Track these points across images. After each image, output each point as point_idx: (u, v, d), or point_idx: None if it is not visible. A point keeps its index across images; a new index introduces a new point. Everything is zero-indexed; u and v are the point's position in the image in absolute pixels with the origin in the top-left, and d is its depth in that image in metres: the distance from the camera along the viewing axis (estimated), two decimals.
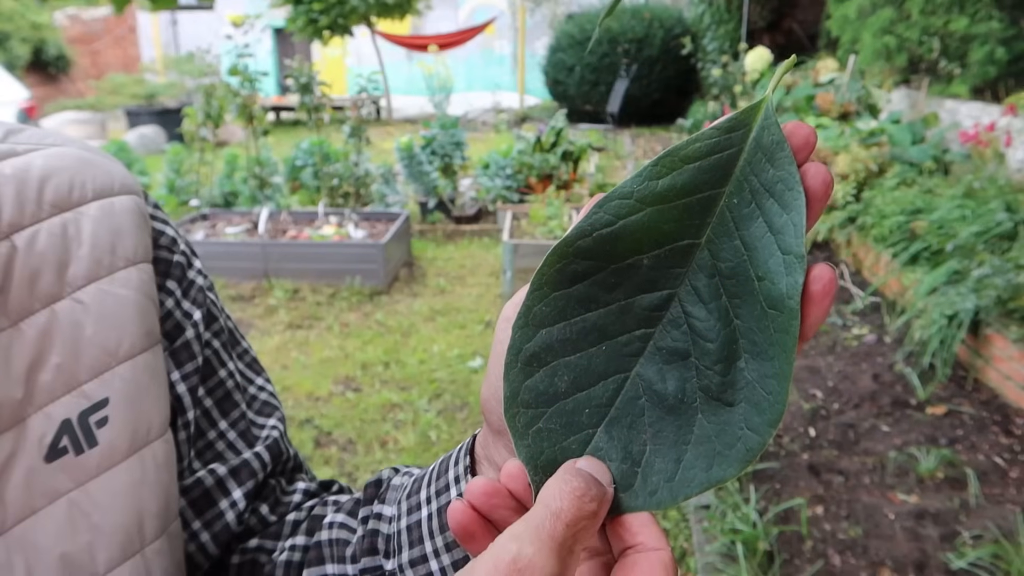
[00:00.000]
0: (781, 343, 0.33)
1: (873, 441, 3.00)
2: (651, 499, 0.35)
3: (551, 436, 0.36)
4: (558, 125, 6.68)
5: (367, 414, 3.42)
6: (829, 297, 0.33)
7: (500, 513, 0.37)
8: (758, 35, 10.75)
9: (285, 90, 14.13)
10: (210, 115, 5.27)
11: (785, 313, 0.33)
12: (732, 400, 0.34)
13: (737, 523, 2.46)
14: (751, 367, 0.34)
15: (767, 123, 0.35)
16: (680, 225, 0.36)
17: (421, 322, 4.46)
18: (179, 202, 5.88)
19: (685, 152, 0.35)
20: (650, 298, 0.36)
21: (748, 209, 0.35)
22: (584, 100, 12.84)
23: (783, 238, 0.34)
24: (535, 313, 0.36)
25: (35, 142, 0.52)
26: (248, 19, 5.30)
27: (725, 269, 0.35)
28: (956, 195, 4.36)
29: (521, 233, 5.10)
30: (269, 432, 0.61)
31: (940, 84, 6.53)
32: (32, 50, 13.96)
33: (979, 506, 2.57)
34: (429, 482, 0.51)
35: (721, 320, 0.35)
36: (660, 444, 0.36)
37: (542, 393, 0.36)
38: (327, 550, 0.56)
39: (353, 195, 5.85)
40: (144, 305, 0.52)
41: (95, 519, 0.47)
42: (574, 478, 0.33)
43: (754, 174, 0.35)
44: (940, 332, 3.42)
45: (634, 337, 0.36)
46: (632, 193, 0.36)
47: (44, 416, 0.46)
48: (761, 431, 0.33)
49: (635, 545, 0.34)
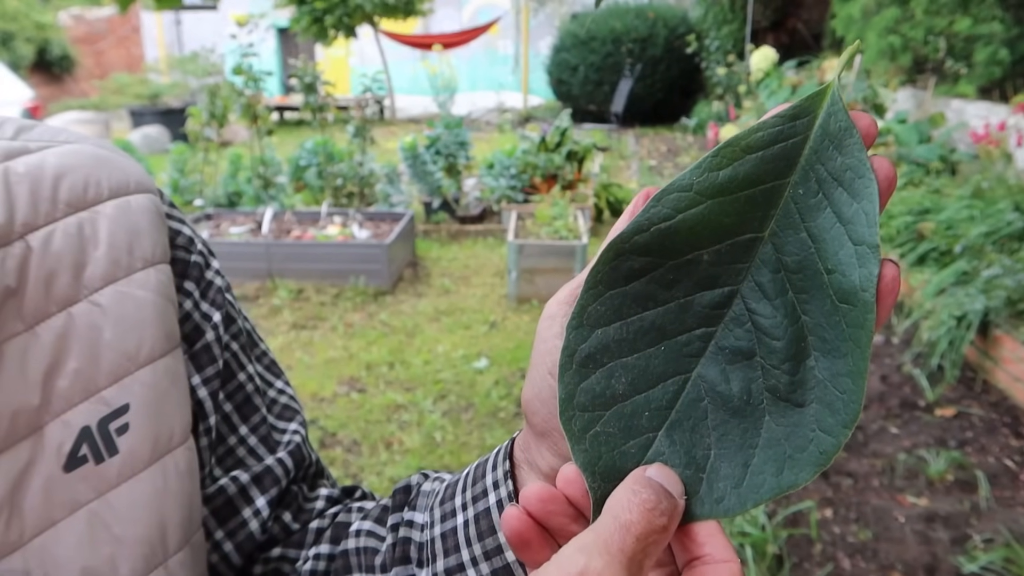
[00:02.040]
0: (855, 338, 0.32)
1: (882, 443, 2.98)
2: (718, 507, 0.33)
3: (609, 440, 0.35)
4: (563, 125, 6.66)
5: (372, 415, 3.40)
6: (896, 291, 0.32)
7: (557, 520, 0.35)
8: (762, 35, 10.73)
9: (289, 90, 14.13)
10: (214, 115, 5.26)
11: (859, 307, 0.32)
12: (802, 400, 0.33)
13: (746, 526, 2.44)
14: (822, 365, 0.33)
15: (834, 109, 0.33)
16: (742, 218, 0.34)
17: (426, 322, 4.44)
18: (183, 202, 5.88)
19: (747, 141, 0.34)
20: (711, 295, 0.35)
21: (815, 199, 0.33)
22: (588, 100, 12.82)
23: (854, 228, 0.32)
24: (590, 313, 0.35)
25: (48, 139, 0.50)
26: (253, 19, 5.29)
27: (791, 263, 0.34)
28: (964, 195, 4.34)
29: (526, 233, 5.08)
30: (291, 437, 0.59)
31: (946, 84, 6.51)
32: (36, 50, 13.99)
33: (990, 509, 2.55)
34: (464, 487, 0.49)
35: (788, 317, 0.34)
36: (725, 448, 0.34)
37: (599, 396, 0.35)
38: (355, 559, 0.54)
39: (357, 195, 5.85)
40: (163, 307, 0.50)
41: (117, 531, 0.45)
42: (644, 489, 0.32)
43: (821, 163, 0.33)
44: (949, 333, 3.39)
45: (694, 336, 0.35)
46: (692, 185, 0.34)
47: (62, 424, 0.44)
48: (835, 432, 0.32)
49: (701, 556, 0.33)
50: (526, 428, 0.45)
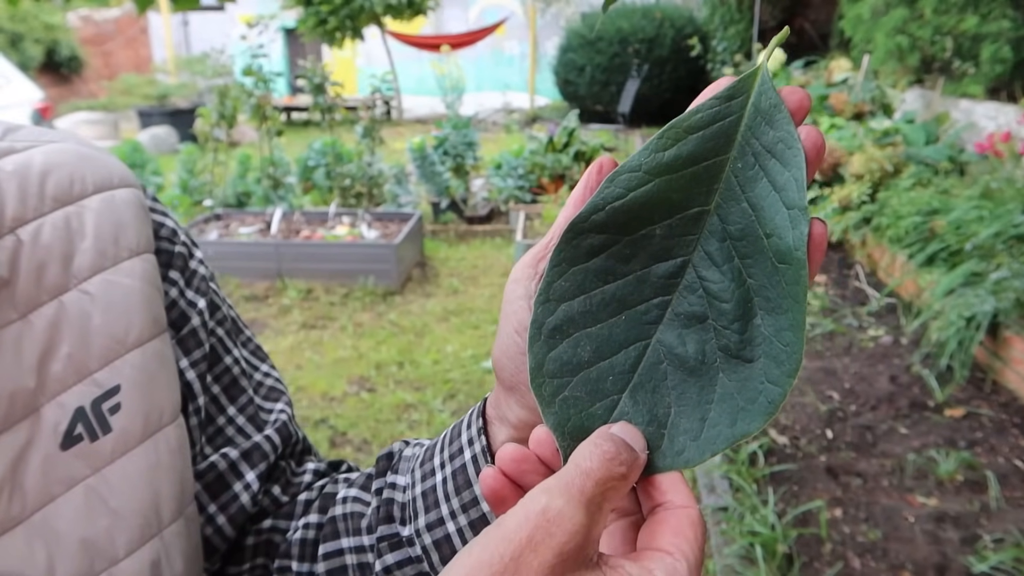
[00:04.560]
0: (793, 295, 0.35)
1: (891, 443, 2.98)
2: (679, 458, 0.36)
3: (577, 403, 0.37)
4: (570, 125, 6.67)
5: (382, 414, 3.42)
6: (823, 247, 0.35)
7: (530, 478, 0.38)
8: (769, 35, 10.70)
9: (296, 91, 14.16)
10: (224, 115, 5.28)
11: (794, 264, 0.35)
12: (751, 356, 0.36)
13: (755, 525, 2.45)
14: (767, 322, 0.36)
15: (764, 88, 0.36)
16: (689, 193, 0.37)
17: (434, 322, 4.46)
18: (192, 202, 5.90)
19: (688, 123, 0.37)
20: (665, 266, 0.38)
21: (752, 171, 0.36)
22: (595, 100, 12.81)
23: (787, 194, 0.35)
24: (555, 288, 0.38)
25: (33, 139, 0.53)
26: (262, 20, 5.31)
27: (735, 231, 0.36)
28: (973, 196, 4.33)
29: (534, 233, 5.09)
30: (277, 416, 0.62)
31: (954, 83, 6.49)
32: (45, 51, 14.05)
33: (1000, 509, 2.55)
34: (442, 448, 0.52)
35: (735, 281, 0.36)
36: (684, 405, 0.37)
37: (566, 363, 0.38)
38: (341, 524, 0.57)
39: (366, 195, 5.86)
40: (150, 294, 0.53)
41: (113, 504, 0.48)
42: (605, 442, 0.34)
43: (755, 137, 0.36)
44: (958, 334, 3.39)
45: (652, 305, 0.38)
46: (640, 166, 0.37)
47: (57, 405, 0.47)
48: (781, 382, 0.35)
49: (664, 503, 0.36)
50: (496, 385, 0.48)
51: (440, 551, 0.51)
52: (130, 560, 0.48)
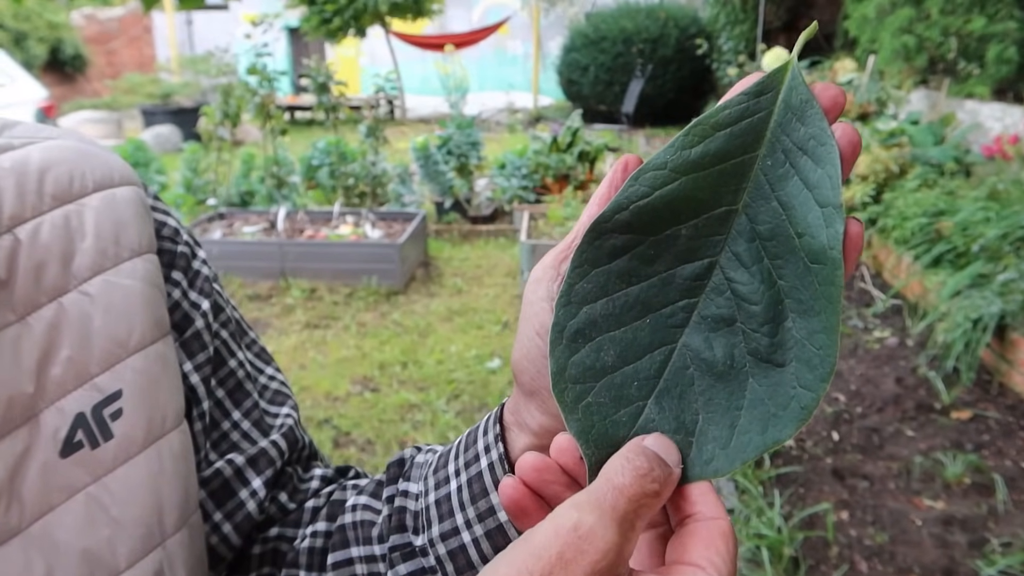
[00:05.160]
0: (827, 295, 0.33)
1: (898, 446, 2.97)
2: (708, 467, 0.35)
3: (601, 410, 0.36)
4: (574, 125, 6.66)
5: (385, 414, 3.41)
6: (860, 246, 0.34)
7: (551, 488, 0.37)
8: (774, 35, 10.69)
9: (299, 90, 14.16)
10: (228, 114, 5.28)
11: (828, 264, 0.33)
12: (782, 360, 0.35)
13: (762, 528, 2.43)
14: (799, 325, 0.34)
15: (794, 83, 0.35)
16: (716, 192, 0.36)
17: (438, 322, 4.45)
18: (196, 201, 5.89)
19: (716, 119, 0.36)
20: (691, 268, 0.37)
21: (783, 169, 0.35)
22: (598, 100, 12.79)
23: (820, 192, 0.34)
24: (577, 290, 0.37)
25: (30, 135, 0.51)
26: (266, 18, 5.30)
27: (764, 231, 0.35)
28: (979, 197, 4.31)
29: (538, 233, 5.08)
30: (283, 420, 0.61)
31: (959, 84, 6.47)
32: (49, 50, 14.05)
33: (1007, 512, 2.53)
34: (456, 455, 0.51)
35: (765, 282, 0.35)
36: (712, 412, 0.36)
37: (589, 368, 0.36)
38: (351, 533, 0.55)
39: (369, 195, 5.86)
40: (152, 295, 0.51)
41: (114, 513, 0.46)
42: (638, 456, 0.33)
43: (786, 134, 0.35)
44: (964, 336, 3.37)
45: (677, 308, 0.37)
46: (666, 163, 0.36)
47: (57, 410, 0.45)
48: (814, 387, 0.34)
49: (693, 514, 0.34)
50: (516, 389, 0.46)
51: (455, 562, 0.49)
52: (132, 571, 0.46)
